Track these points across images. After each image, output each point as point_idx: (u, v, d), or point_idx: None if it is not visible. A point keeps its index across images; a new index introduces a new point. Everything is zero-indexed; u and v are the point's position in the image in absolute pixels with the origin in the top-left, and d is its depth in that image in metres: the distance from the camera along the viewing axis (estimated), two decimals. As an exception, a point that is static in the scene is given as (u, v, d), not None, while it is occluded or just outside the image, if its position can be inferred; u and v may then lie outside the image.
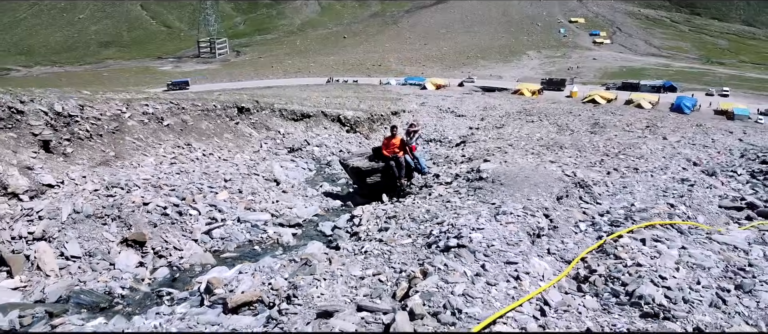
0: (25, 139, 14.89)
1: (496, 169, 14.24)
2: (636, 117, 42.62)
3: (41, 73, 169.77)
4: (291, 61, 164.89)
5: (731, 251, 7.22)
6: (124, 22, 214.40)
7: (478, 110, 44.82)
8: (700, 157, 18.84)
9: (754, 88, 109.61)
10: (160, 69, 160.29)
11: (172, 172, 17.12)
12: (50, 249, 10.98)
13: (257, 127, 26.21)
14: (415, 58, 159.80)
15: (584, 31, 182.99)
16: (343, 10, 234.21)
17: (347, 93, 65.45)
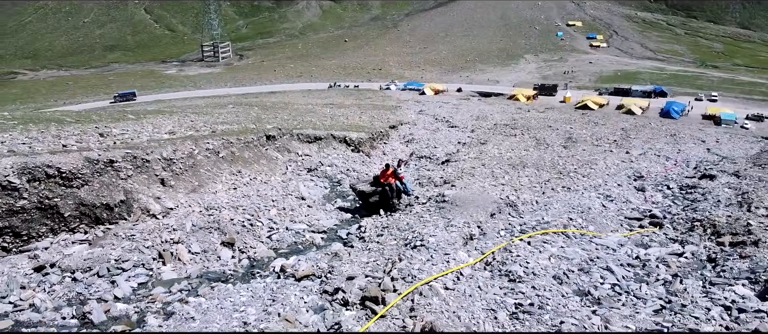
0: (152, 178, 21.73)
1: (455, 194, 20.86)
2: (617, 126, 45.55)
3: (48, 77, 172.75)
4: (293, 64, 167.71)
5: (603, 250, 11.49)
6: (128, 26, 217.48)
7: (470, 120, 47.79)
8: (650, 171, 21.82)
9: (745, 92, 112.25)
10: (165, 73, 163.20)
11: (238, 195, 23.63)
12: (183, 248, 17.90)
13: (281, 151, 31.21)
14: (415, 62, 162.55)
15: (581, 35, 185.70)
16: (344, 14, 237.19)
17: (349, 100, 68.39)
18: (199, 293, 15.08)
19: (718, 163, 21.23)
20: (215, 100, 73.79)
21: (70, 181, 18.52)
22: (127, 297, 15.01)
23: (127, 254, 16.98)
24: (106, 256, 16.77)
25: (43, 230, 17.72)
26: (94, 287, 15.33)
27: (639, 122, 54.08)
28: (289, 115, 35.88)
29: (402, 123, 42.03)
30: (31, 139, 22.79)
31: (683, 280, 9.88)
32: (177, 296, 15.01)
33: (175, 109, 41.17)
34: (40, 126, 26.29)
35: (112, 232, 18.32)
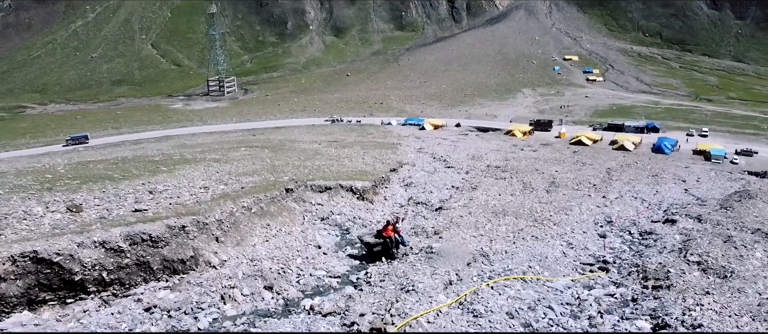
0: (210, 236, 27.14)
1: (441, 246, 25.81)
2: (604, 166, 48.18)
3: (56, 111, 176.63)
4: (297, 99, 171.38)
5: (551, 292, 14.72)
6: (135, 60, 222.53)
7: (466, 160, 50.52)
8: (621, 216, 24.38)
9: (738, 126, 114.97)
10: (171, 107, 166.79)
11: (271, 247, 29.05)
12: (237, 291, 23.34)
13: (298, 202, 35.76)
14: (415, 96, 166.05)
15: (578, 69, 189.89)
16: (346, 49, 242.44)
17: (351, 137, 71.25)
18: (256, 325, 20.28)
19: (687, 207, 23.68)
20: (224, 137, 76.83)
21: (156, 243, 24.44)
22: (207, 330, 20.50)
23: (200, 297, 22.61)
24: (187, 299, 22.40)
25: (139, 279, 23.68)
26: (184, 321, 20.75)
27: (628, 160, 56.71)
28: (298, 160, 39.14)
29: (402, 164, 44.77)
30: (105, 201, 29.63)
31: (604, 315, 13.12)
32: (241, 328, 20.12)
33: (196, 157, 44.62)
34: (98, 185, 32.88)
35: (186, 280, 24.22)
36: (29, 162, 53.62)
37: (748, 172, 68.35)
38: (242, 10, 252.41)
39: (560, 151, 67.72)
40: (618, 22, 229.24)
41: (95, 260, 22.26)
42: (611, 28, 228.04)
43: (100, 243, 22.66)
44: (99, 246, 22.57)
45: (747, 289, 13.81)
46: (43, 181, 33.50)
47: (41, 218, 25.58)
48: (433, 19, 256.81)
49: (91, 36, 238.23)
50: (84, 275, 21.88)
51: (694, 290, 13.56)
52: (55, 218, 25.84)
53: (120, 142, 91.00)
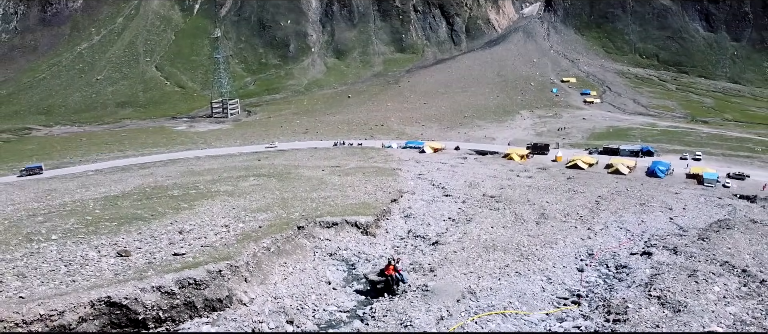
0: (239, 277, 31.21)
1: (435, 285, 29.34)
2: (595, 194, 50.15)
3: (62, 133, 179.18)
4: (299, 120, 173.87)
5: (527, 326, 16.93)
6: (139, 83, 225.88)
7: (464, 187, 52.61)
8: (603, 248, 26.35)
9: (732, 148, 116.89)
10: (175, 129, 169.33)
11: (289, 285, 32.96)
12: (265, 326, 27.17)
13: (308, 238, 39.16)
14: (415, 118, 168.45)
15: (576, 91, 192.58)
16: (348, 70, 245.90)
17: (353, 161, 73.31)
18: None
19: (666, 238, 25.57)
20: (230, 162, 78.89)
21: (199, 286, 28.57)
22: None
23: (236, 331, 26.52)
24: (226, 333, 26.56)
25: (186, 317, 27.78)
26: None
27: (620, 186, 58.72)
28: (304, 191, 41.74)
29: (402, 193, 46.88)
30: (145, 243, 34.28)
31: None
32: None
33: (209, 189, 47.83)
34: (134, 226, 37.73)
35: (223, 316, 28.26)
36: (58, 196, 55.92)
37: (739, 195, 70.45)
38: (245, 32, 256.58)
39: (555, 177, 69.68)
40: (615, 45, 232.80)
41: (154, 302, 26.64)
42: (609, 50, 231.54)
43: (157, 288, 27.24)
44: (156, 290, 27.11)
45: (693, 322, 15.66)
46: (86, 223, 38.48)
47: (98, 263, 30.75)
48: (433, 41, 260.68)
49: (96, 58, 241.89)
50: (145, 314, 26.34)
51: (646, 323, 15.44)
52: (110, 262, 31.07)
53: (127, 166, 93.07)
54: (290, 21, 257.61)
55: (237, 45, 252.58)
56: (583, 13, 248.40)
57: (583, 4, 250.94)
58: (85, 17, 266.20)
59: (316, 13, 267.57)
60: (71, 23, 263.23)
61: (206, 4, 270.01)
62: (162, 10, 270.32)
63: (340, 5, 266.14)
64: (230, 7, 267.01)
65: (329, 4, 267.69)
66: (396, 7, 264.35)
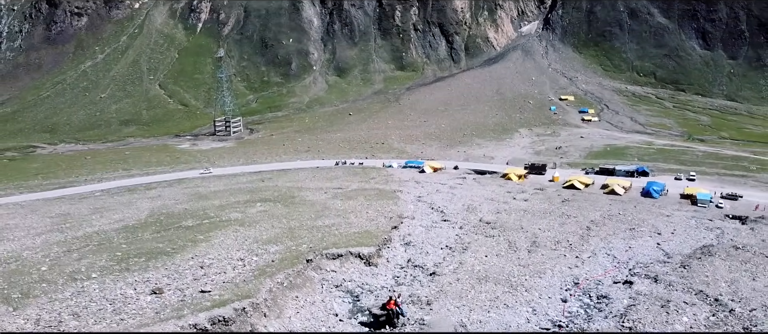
0: (259, 314, 34.54)
1: (431, 319, 32.39)
2: (588, 218, 52.04)
3: (66, 151, 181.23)
4: (301, 138, 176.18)
5: None
6: (143, 101, 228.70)
7: (462, 212, 54.62)
8: (588, 277, 28.26)
9: (728, 167, 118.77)
10: (179, 147, 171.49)
11: (303, 318, 36.01)
12: None
13: (316, 270, 41.88)
14: (416, 136, 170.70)
15: (574, 109, 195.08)
16: (349, 88, 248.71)
17: (355, 183, 75.19)
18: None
19: (649, 266, 27.40)
20: (235, 182, 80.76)
21: (227, 322, 31.93)
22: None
23: None
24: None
25: None
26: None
27: (613, 209, 60.53)
28: (309, 218, 44.38)
29: (402, 218, 48.90)
30: (172, 279, 38.02)
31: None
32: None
33: (220, 216, 50.60)
34: (159, 261, 41.37)
35: None
36: (75, 223, 58.23)
37: (732, 216, 72.39)
38: (248, 51, 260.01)
39: (550, 199, 71.55)
40: (613, 63, 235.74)
41: (191, 338, 30.11)
42: (606, 68, 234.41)
43: (194, 325, 30.70)
44: (193, 327, 30.46)
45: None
46: (117, 260, 42.57)
47: (138, 301, 34.57)
48: (433, 59, 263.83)
49: (100, 77, 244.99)
50: (184, 349, 29.90)
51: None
52: (147, 300, 34.88)
53: (134, 187, 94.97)
54: (292, 39, 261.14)
55: (239, 63, 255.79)
56: (581, 32, 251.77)
57: (580, 22, 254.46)
58: (90, 36, 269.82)
59: (317, 31, 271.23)
60: (76, 42, 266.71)
61: (209, 22, 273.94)
62: (166, 28, 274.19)
63: (342, 24, 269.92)
64: (233, 25, 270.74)
65: (331, 22, 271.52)
66: (396, 25, 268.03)
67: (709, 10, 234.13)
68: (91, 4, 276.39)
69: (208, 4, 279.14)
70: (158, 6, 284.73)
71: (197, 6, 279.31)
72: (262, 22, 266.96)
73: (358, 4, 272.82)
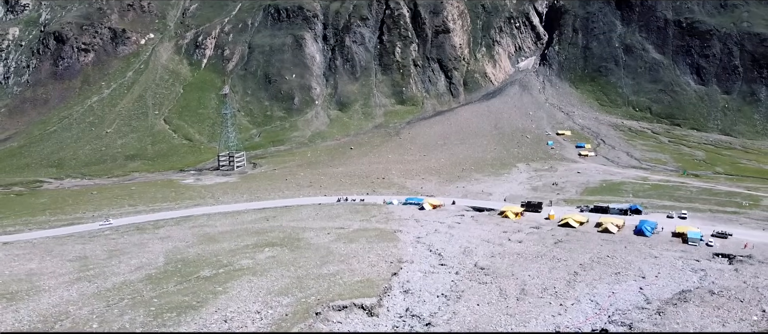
0: None
1: None
2: (577, 262, 54.84)
3: (72, 186, 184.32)
4: (303, 173, 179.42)
5: None
6: (148, 135, 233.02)
7: (458, 255, 57.48)
8: (569, 324, 31.01)
9: (720, 203, 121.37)
10: (183, 182, 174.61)
11: None
12: None
13: (324, 322, 45.44)
14: (415, 171, 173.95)
15: (571, 143, 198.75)
16: (350, 122, 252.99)
17: (356, 222, 77.83)
18: None
19: (627, 312, 30.11)
20: (240, 220, 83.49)
21: None
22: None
23: None
24: None
25: None
26: None
27: (603, 251, 63.16)
28: (315, 265, 47.99)
29: (401, 262, 51.76)
30: None
31: None
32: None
33: (232, 263, 53.88)
34: (190, 316, 46.30)
35: None
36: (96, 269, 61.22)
37: (721, 254, 75.25)
38: (252, 86, 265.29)
39: (544, 240, 74.22)
40: (609, 98, 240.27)
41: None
42: (602, 103, 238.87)
43: None
44: None
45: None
46: (154, 314, 46.86)
47: None
48: (432, 93, 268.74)
49: (106, 111, 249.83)
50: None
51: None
52: None
53: (142, 225, 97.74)
54: (295, 75, 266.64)
55: (243, 98, 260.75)
56: (577, 67, 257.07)
57: (576, 58, 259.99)
58: (96, 71, 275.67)
59: (320, 67, 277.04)
60: (82, 77, 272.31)
61: (214, 58, 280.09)
62: (171, 64, 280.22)
63: (343, 60, 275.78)
64: (237, 61, 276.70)
65: (333, 58, 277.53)
66: (396, 61, 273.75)
67: (703, 46, 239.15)
68: (98, 40, 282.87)
69: (213, 41, 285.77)
70: (164, 42, 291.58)
71: (202, 42, 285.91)
72: (265, 58, 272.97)
73: (360, 41, 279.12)
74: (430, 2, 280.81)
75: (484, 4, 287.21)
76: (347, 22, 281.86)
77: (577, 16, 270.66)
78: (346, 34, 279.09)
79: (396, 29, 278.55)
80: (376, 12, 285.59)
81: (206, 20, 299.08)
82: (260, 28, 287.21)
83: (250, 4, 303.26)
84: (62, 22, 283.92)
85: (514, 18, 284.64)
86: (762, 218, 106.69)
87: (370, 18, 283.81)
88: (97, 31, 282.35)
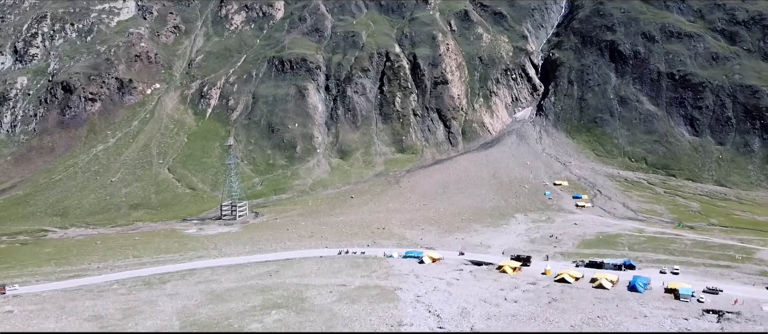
0: None
1: None
2: (569, 322, 57.19)
3: (77, 235, 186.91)
4: (304, 222, 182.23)
5: None
6: (152, 184, 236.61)
7: (455, 317, 60.11)
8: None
9: (714, 257, 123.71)
10: (186, 232, 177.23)
11: None
12: None
13: None
14: (415, 221, 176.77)
15: (568, 194, 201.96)
16: (351, 170, 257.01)
17: (357, 279, 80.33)
18: None
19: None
20: (244, 275, 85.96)
21: None
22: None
23: None
24: None
25: None
26: None
27: (594, 311, 65.76)
28: (319, 328, 49.44)
29: (401, 325, 54.32)
30: None
31: None
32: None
33: (243, 327, 55.30)
34: None
35: None
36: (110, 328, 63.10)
37: (710, 311, 78.02)
38: (255, 135, 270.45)
39: (539, 299, 76.74)
40: (605, 148, 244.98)
41: None
42: (598, 153, 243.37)
43: None
44: None
45: None
46: None
47: None
48: (432, 142, 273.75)
49: (111, 160, 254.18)
50: None
51: None
52: None
53: (148, 279, 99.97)
54: (297, 124, 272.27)
55: (246, 147, 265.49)
56: (573, 118, 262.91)
57: (572, 109, 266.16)
58: (102, 120, 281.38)
59: (322, 116, 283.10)
60: (88, 126, 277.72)
61: (218, 108, 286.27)
62: (176, 113, 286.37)
63: (345, 109, 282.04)
64: (241, 111, 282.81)
65: (334, 108, 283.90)
66: (396, 110, 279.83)
67: (696, 97, 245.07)
68: (105, 89, 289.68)
69: (218, 91, 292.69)
70: (170, 92, 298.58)
71: (207, 92, 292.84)
72: (269, 108, 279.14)
73: (361, 91, 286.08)
74: (428, 54, 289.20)
75: (481, 56, 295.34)
76: (349, 73, 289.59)
77: (572, 68, 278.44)
78: (348, 85, 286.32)
79: (396, 80, 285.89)
80: (377, 63, 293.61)
81: (212, 71, 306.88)
82: (264, 78, 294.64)
83: (254, 55, 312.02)
84: (70, 72, 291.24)
85: (510, 70, 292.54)
86: (754, 272, 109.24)
87: (371, 69, 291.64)
88: (104, 80, 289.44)
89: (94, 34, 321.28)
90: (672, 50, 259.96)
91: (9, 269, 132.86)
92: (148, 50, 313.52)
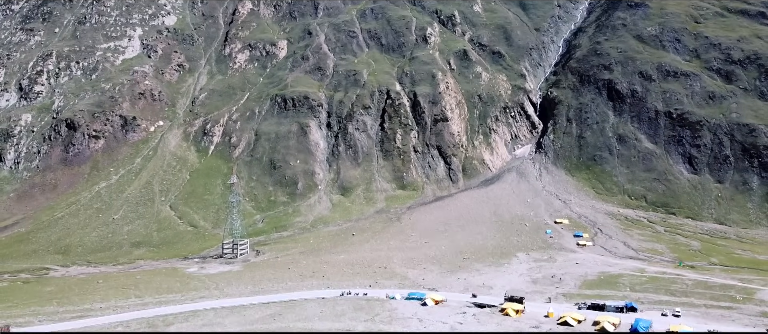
0: None
1: None
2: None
3: (79, 274, 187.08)
4: (306, 261, 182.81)
5: None
6: (154, 222, 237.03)
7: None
8: None
9: (715, 298, 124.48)
10: (187, 271, 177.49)
11: None
12: None
13: None
14: (417, 259, 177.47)
15: (569, 232, 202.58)
16: (352, 207, 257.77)
17: (360, 324, 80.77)
18: None
19: None
20: (251, 324, 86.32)
21: None
22: None
23: None
24: None
25: None
26: None
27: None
28: None
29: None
30: None
31: None
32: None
33: None
34: None
35: None
36: None
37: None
38: (257, 172, 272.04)
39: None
40: (604, 186, 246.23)
41: None
42: (598, 191, 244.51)
43: None
44: None
45: None
46: None
47: None
48: (432, 179, 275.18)
49: (113, 198, 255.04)
50: None
51: None
52: None
53: (152, 321, 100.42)
54: (299, 161, 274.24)
55: (248, 183, 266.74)
56: (572, 156, 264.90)
57: (571, 146, 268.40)
58: (105, 157, 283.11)
59: (323, 153, 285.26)
60: (91, 163, 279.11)
61: (221, 145, 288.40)
62: (179, 151, 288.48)
63: (346, 146, 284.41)
64: (244, 148, 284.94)
65: (336, 145, 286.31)
66: (397, 147, 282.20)
67: (694, 136, 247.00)
68: (108, 127, 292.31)
69: (221, 128, 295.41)
70: (173, 129, 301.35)
71: (210, 129, 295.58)
72: (271, 145, 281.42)
73: (362, 128, 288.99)
74: (429, 92, 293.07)
75: (480, 95, 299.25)
76: (350, 111, 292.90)
77: (570, 106, 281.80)
78: (349, 122, 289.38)
79: (397, 117, 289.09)
80: (378, 101, 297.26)
81: (215, 109, 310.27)
82: (267, 116, 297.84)
83: (257, 93, 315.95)
84: (75, 110, 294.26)
85: (509, 107, 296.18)
86: (755, 313, 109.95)
87: (372, 107, 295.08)
88: (108, 118, 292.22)
89: (99, 72, 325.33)
90: (669, 89, 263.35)
91: (11, 308, 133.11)
92: (152, 88, 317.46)
